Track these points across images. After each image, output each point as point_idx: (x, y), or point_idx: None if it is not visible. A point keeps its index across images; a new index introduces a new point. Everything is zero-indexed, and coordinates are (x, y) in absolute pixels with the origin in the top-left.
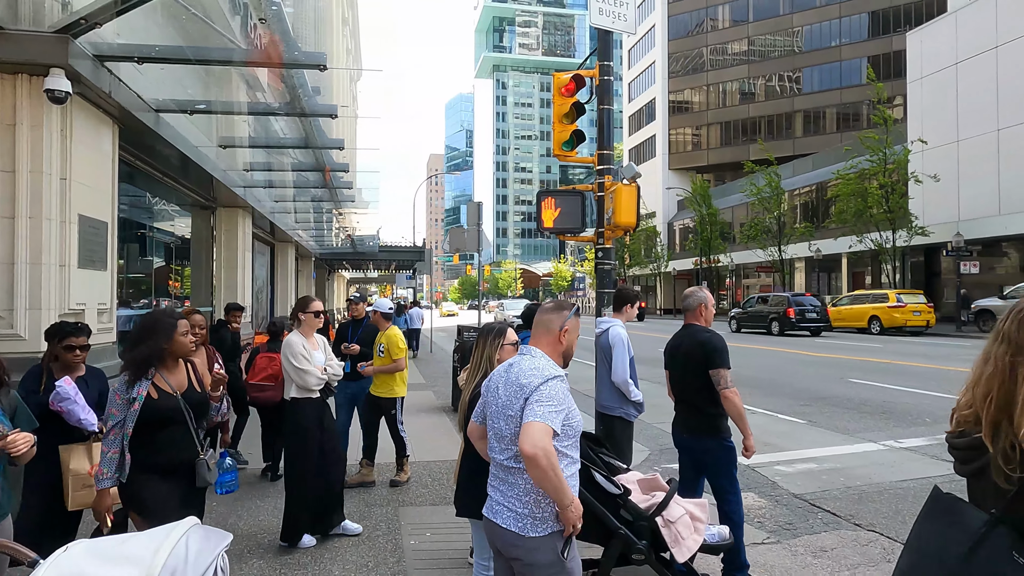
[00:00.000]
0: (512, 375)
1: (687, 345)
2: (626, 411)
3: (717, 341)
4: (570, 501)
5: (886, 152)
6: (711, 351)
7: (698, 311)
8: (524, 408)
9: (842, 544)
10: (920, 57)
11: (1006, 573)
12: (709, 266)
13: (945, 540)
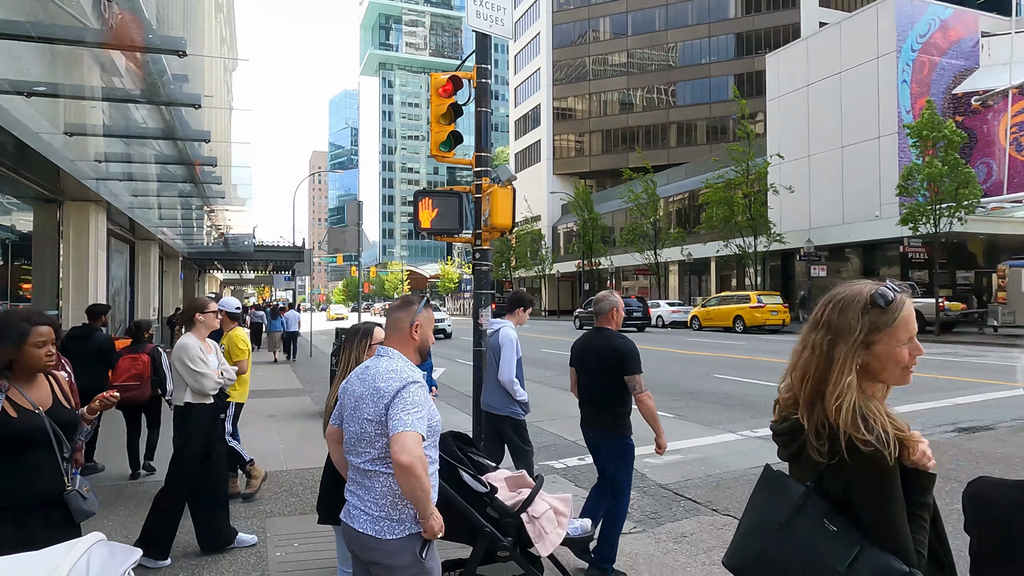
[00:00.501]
0: (369, 377)
1: (600, 348)
2: (513, 410)
3: (631, 347)
4: (432, 511)
5: (749, 164)
6: (626, 357)
7: (610, 315)
8: (388, 415)
9: (701, 529)
10: (777, 78)
11: (818, 537)
12: (591, 269)
13: (770, 509)
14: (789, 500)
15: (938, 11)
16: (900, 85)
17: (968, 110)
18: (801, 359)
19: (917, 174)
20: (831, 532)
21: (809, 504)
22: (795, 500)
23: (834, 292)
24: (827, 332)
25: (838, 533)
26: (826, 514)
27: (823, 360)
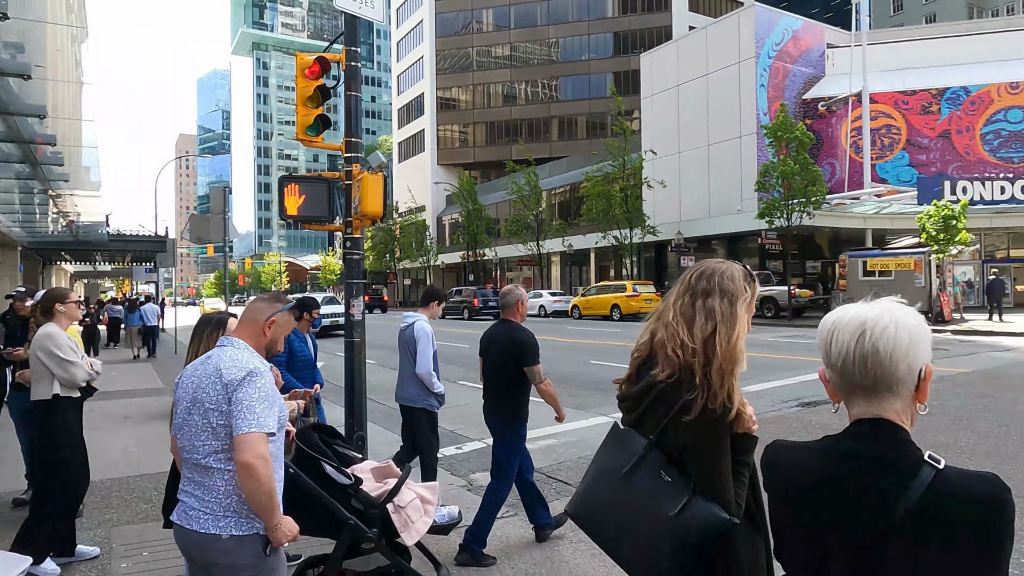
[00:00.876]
0: (211, 366)
1: (503, 339)
2: (429, 403)
3: (532, 341)
4: (278, 521)
5: (625, 159)
6: (525, 349)
7: (515, 308)
8: (232, 409)
9: None
10: (650, 77)
11: (654, 487)
12: (475, 260)
13: (614, 462)
14: (632, 453)
15: (790, 22)
16: (758, 89)
17: (816, 114)
18: (696, 325)
19: (773, 172)
20: (666, 482)
21: (650, 457)
22: (637, 453)
23: (708, 265)
24: (723, 297)
25: (672, 483)
26: (663, 467)
27: (727, 326)
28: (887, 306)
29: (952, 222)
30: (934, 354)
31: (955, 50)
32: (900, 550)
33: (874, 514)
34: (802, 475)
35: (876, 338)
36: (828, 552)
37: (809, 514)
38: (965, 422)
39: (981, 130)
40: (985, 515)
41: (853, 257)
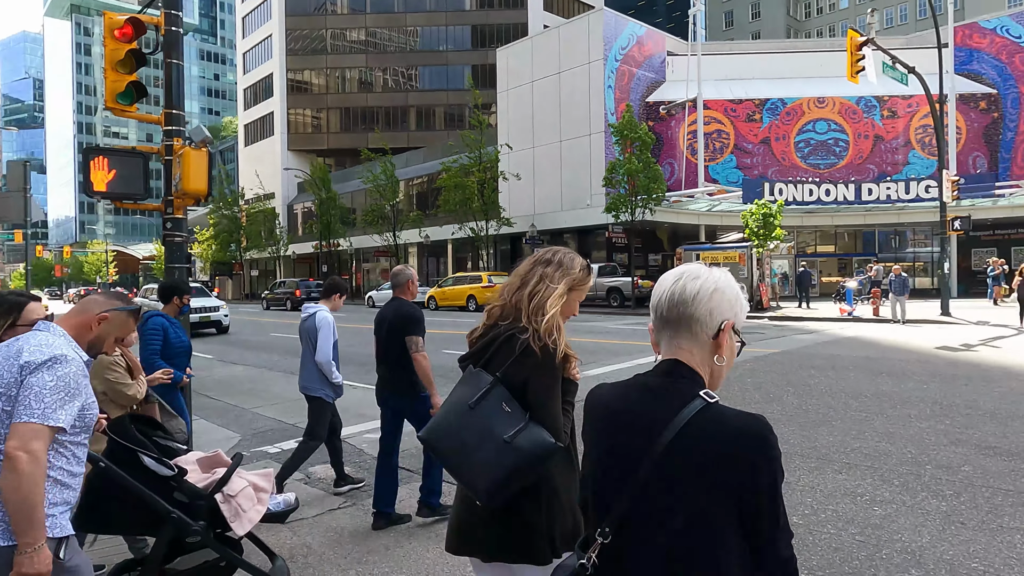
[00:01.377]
0: (14, 348)
1: (392, 315)
2: (326, 392)
3: (417, 314)
4: (34, 540)
5: (481, 152)
6: (409, 321)
7: (406, 286)
8: (19, 394)
9: (410, 495)
10: (506, 72)
11: (495, 416)
12: (329, 250)
13: (463, 396)
14: (479, 388)
15: (635, 28)
16: (606, 90)
17: (657, 117)
18: (530, 283)
19: (619, 169)
20: (506, 412)
21: (493, 391)
22: (483, 388)
23: (558, 249)
24: (558, 268)
25: (511, 414)
26: (505, 400)
27: (551, 283)
28: (706, 267)
29: (770, 220)
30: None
31: (775, 65)
32: (661, 471)
33: (645, 437)
34: (605, 404)
35: (686, 282)
36: (607, 471)
37: (603, 436)
38: (774, 396)
39: (795, 139)
40: (741, 445)
41: (688, 250)
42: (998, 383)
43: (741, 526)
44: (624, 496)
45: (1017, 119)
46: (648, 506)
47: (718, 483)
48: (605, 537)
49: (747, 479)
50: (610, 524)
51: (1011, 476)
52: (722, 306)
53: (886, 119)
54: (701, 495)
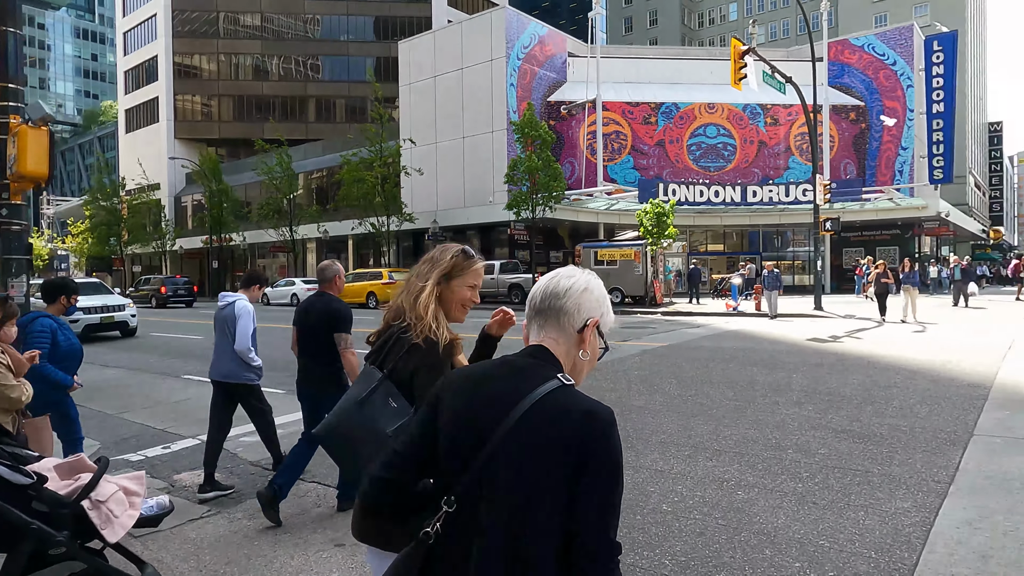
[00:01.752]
0: None
1: (320, 310)
2: (248, 376)
3: (346, 311)
4: None
5: (382, 146)
6: (339, 318)
7: (333, 281)
8: None
9: (287, 501)
10: (409, 65)
11: (381, 411)
12: (220, 245)
13: (354, 392)
14: (368, 385)
15: (537, 28)
16: (508, 88)
17: (559, 116)
18: (410, 281)
19: (520, 166)
20: (392, 407)
21: (381, 387)
22: (372, 384)
23: (445, 246)
24: (430, 264)
25: (396, 409)
26: (392, 395)
27: (424, 279)
28: (580, 269)
29: (663, 219)
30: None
31: (670, 70)
32: (510, 444)
33: (500, 409)
34: (467, 375)
35: (560, 279)
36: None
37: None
38: (657, 387)
39: (687, 142)
40: (586, 427)
41: (587, 248)
42: (857, 371)
43: (573, 503)
44: (472, 466)
45: (881, 130)
46: (494, 477)
47: (560, 460)
48: (450, 506)
49: (588, 458)
50: (455, 494)
51: (860, 458)
52: (590, 303)
53: (769, 126)
54: (544, 471)
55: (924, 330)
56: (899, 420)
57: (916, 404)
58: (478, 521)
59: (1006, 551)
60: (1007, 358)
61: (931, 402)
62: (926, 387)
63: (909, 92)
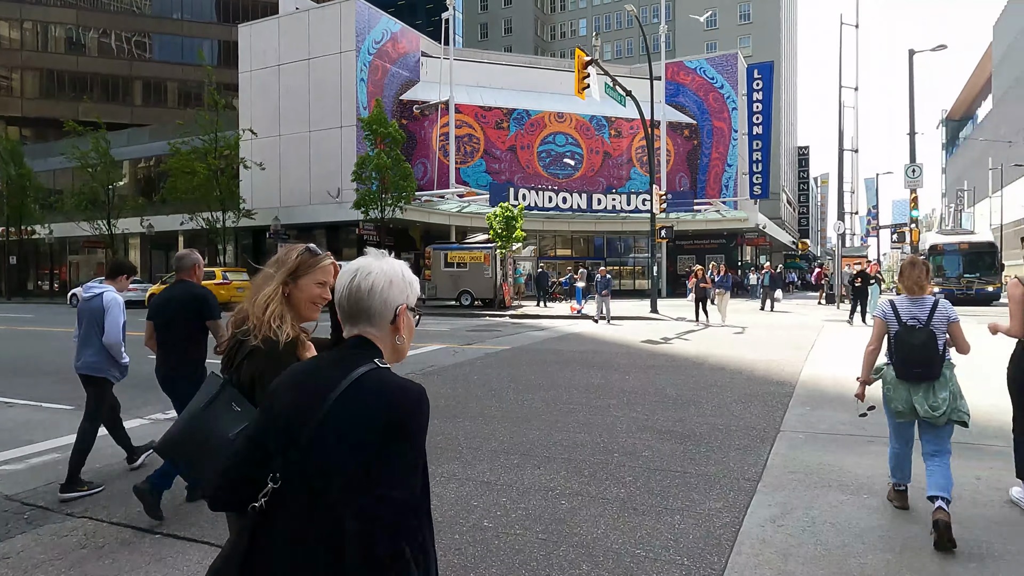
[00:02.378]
0: None
1: (181, 298)
2: (112, 373)
3: (211, 296)
4: None
5: (217, 135)
6: (205, 304)
7: (192, 270)
8: None
9: (36, 543)
10: (250, 51)
11: (224, 415)
12: (20, 238)
13: (198, 399)
14: (211, 391)
15: (390, 24)
16: (359, 83)
17: (411, 116)
18: (256, 284)
19: (368, 164)
20: (236, 412)
21: (224, 392)
22: (214, 391)
23: (290, 247)
24: (276, 265)
25: (240, 413)
26: (234, 399)
27: (269, 279)
28: (380, 259)
29: (512, 222)
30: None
31: (522, 78)
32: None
33: (319, 395)
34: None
35: (359, 280)
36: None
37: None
38: (496, 392)
39: (538, 149)
40: (396, 400)
41: (437, 250)
42: (684, 372)
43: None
44: (296, 446)
45: (711, 148)
46: (316, 452)
47: (374, 430)
48: (275, 482)
49: (398, 427)
50: (280, 470)
51: (681, 458)
52: (395, 294)
53: (613, 138)
54: (360, 440)
55: (743, 331)
56: (717, 419)
57: (733, 403)
58: (301, 492)
59: (804, 548)
60: (809, 358)
61: (746, 400)
62: (743, 386)
63: (734, 114)
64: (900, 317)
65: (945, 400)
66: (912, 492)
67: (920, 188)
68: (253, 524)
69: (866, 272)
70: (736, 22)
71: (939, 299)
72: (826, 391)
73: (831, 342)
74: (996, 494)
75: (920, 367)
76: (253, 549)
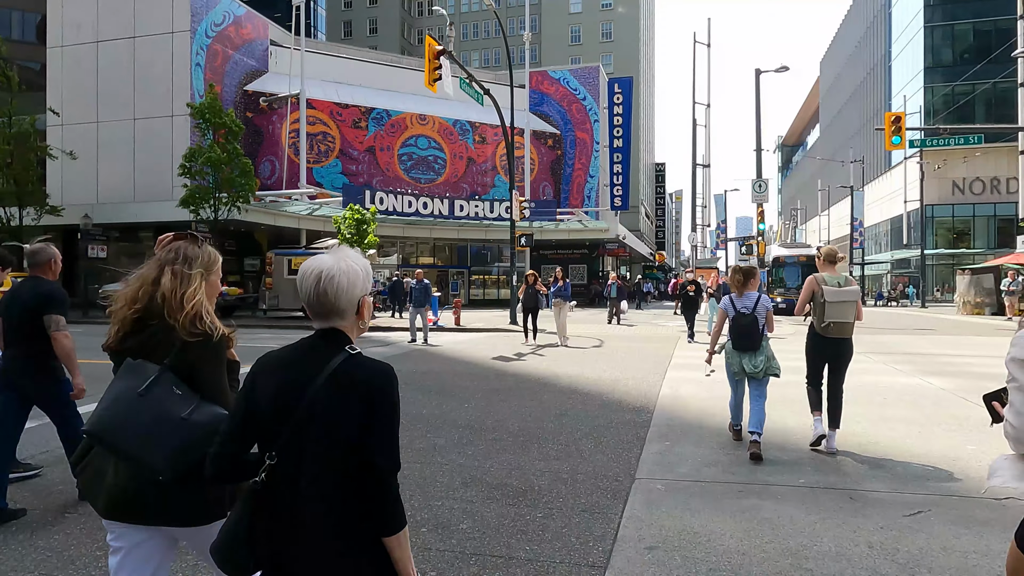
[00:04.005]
0: None
1: (28, 295)
2: None
3: (60, 293)
4: None
5: (12, 118)
6: (50, 300)
7: (47, 265)
8: None
9: None
10: (61, 23)
11: (168, 398)
12: None
13: (130, 384)
14: (147, 376)
15: (232, 6)
16: (194, 68)
17: (258, 108)
18: (164, 282)
19: (198, 157)
20: (178, 395)
21: (162, 377)
22: (152, 375)
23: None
24: (185, 262)
25: (183, 395)
26: (174, 383)
27: (186, 278)
28: (338, 258)
29: (364, 227)
30: None
31: (384, 77)
32: (317, 404)
33: (307, 379)
34: (279, 357)
35: (326, 285)
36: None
37: (274, 379)
38: None
39: (398, 151)
40: (375, 379)
41: (280, 255)
42: (533, 396)
43: (367, 436)
44: (287, 426)
45: (574, 158)
46: (306, 431)
47: (354, 409)
48: (272, 459)
49: (371, 403)
50: (276, 448)
51: (508, 532)
52: (357, 291)
53: (478, 143)
54: (347, 417)
55: (601, 344)
56: (563, 463)
57: (583, 437)
58: (296, 465)
59: None
60: (667, 375)
61: (599, 434)
62: (596, 413)
63: (596, 126)
64: (736, 307)
65: (763, 361)
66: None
67: (766, 203)
68: (253, 497)
69: (699, 282)
70: (598, 39)
71: (761, 295)
72: (686, 417)
73: (688, 355)
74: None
75: (747, 340)
76: (256, 519)
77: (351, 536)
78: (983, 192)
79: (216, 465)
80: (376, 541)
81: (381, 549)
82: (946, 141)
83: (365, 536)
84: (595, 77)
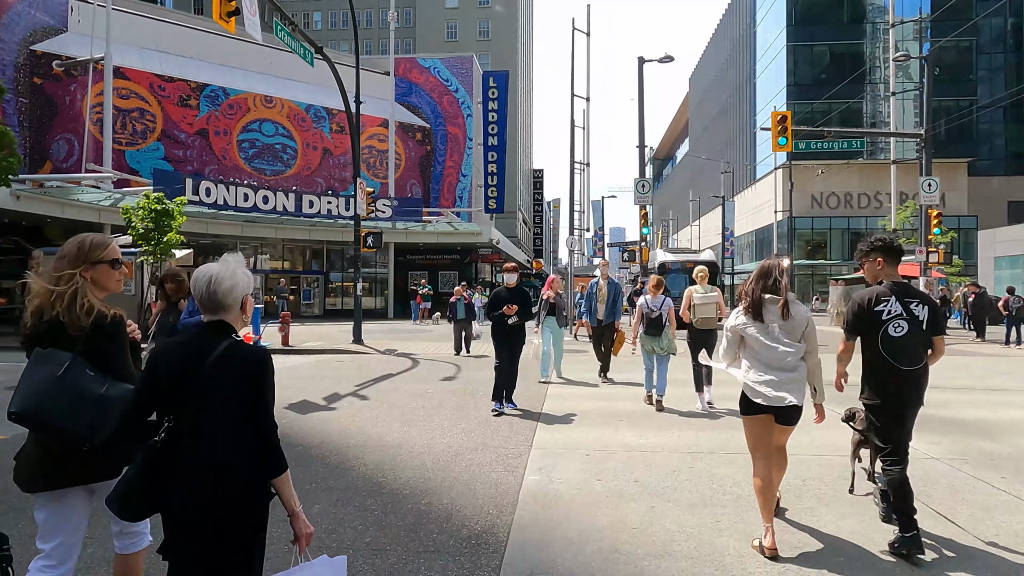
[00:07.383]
0: None
1: None
2: None
3: None
4: None
5: None
6: None
7: None
8: None
9: None
10: None
11: (84, 379)
12: None
13: (47, 370)
14: (61, 361)
15: None
16: None
17: (50, 74)
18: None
19: None
20: (91, 375)
21: (76, 362)
22: (66, 361)
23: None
24: (61, 259)
25: (95, 375)
26: (87, 367)
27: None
28: (225, 266)
29: (165, 220)
30: None
31: (222, 50)
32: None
33: (201, 360)
34: (178, 343)
35: (215, 287)
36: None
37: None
38: None
39: (238, 136)
40: (252, 359)
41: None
42: (302, 496)
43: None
44: (186, 394)
45: (445, 154)
46: (202, 400)
47: (240, 382)
48: (170, 422)
49: (254, 377)
50: (175, 412)
51: None
52: (239, 292)
53: (335, 133)
54: (237, 389)
55: (454, 377)
56: None
57: None
58: (191, 427)
59: None
60: (535, 438)
61: None
62: (421, 547)
63: (469, 121)
64: (649, 306)
65: (666, 344)
66: None
67: (650, 204)
68: (152, 454)
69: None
70: (476, 37)
71: (667, 298)
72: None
73: (564, 392)
74: None
75: (654, 329)
76: (152, 472)
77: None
78: (838, 206)
79: (125, 429)
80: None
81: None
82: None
83: (254, 474)
84: (469, 68)
